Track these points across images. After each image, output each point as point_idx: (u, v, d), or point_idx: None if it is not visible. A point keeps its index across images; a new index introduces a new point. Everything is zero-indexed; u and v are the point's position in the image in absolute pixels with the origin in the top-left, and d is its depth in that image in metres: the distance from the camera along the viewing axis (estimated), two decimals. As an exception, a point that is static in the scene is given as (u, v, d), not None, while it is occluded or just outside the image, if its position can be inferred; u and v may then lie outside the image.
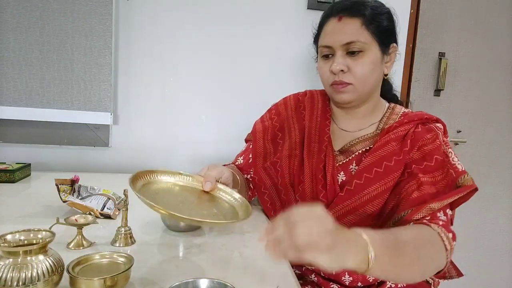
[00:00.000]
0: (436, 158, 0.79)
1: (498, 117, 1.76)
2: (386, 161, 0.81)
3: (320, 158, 0.89)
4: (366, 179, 0.82)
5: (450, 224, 0.75)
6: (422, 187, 0.76)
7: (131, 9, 1.35)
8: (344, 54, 0.83)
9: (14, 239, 0.54)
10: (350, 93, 0.84)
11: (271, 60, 1.44)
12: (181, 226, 0.83)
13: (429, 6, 1.62)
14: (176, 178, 0.78)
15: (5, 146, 1.34)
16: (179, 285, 0.54)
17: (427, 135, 0.82)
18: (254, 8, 1.40)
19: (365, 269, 0.54)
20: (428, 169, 0.79)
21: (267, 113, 1.05)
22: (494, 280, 1.90)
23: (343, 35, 0.82)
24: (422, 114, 0.87)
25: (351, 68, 0.82)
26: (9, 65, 1.25)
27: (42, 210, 0.92)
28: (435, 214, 0.73)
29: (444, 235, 0.69)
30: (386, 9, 0.86)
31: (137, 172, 0.70)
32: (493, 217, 1.84)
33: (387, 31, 0.85)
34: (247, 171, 1.01)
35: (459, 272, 0.90)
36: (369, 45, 0.82)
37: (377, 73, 0.85)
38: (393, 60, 0.89)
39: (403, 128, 0.84)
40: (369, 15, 0.82)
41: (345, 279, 0.84)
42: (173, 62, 1.39)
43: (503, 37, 1.71)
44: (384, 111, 0.93)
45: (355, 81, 0.83)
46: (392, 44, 0.87)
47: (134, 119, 1.40)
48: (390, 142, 0.83)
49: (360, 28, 0.81)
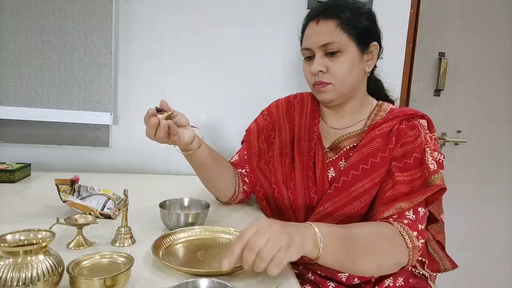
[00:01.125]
0: (415, 156, 0.81)
1: (498, 117, 1.76)
2: (372, 158, 0.83)
3: (310, 155, 0.92)
4: (353, 176, 0.84)
5: (418, 223, 0.77)
6: (396, 186, 0.79)
7: (131, 9, 1.35)
8: (323, 55, 0.87)
9: (14, 239, 0.54)
10: (330, 92, 0.88)
11: (271, 60, 1.44)
12: (182, 226, 0.83)
13: (429, 6, 1.62)
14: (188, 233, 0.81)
15: (5, 146, 1.34)
16: (179, 285, 0.54)
17: (409, 132, 0.84)
18: (254, 8, 1.40)
19: (317, 255, 0.62)
20: (406, 167, 0.81)
21: (260, 115, 1.09)
22: (494, 280, 1.90)
23: (320, 37, 0.86)
24: (407, 110, 0.89)
25: (329, 68, 0.86)
26: (9, 65, 1.25)
27: (42, 210, 0.92)
28: (403, 213, 0.76)
29: (405, 233, 0.73)
30: (365, 9, 0.89)
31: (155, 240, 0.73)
32: (493, 217, 1.84)
33: (365, 31, 0.87)
34: (242, 166, 1.05)
35: (453, 264, 0.92)
36: (346, 46, 0.85)
37: (357, 72, 0.88)
38: (375, 58, 0.91)
39: (388, 125, 0.86)
40: (345, 17, 0.85)
41: (342, 275, 0.85)
42: (173, 62, 1.39)
43: (503, 37, 1.71)
44: (372, 108, 0.95)
45: (334, 81, 0.87)
46: (373, 43, 0.89)
47: (134, 119, 1.40)
48: (376, 138, 0.85)
49: (336, 30, 0.85)
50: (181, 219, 0.83)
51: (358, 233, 0.72)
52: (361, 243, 0.70)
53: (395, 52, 1.52)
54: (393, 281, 0.86)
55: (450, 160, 1.75)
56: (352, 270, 0.73)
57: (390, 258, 0.72)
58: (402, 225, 0.75)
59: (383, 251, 0.71)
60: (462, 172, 1.78)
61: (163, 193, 0.96)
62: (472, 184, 1.79)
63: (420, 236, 0.75)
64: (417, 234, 0.75)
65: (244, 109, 1.43)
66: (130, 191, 0.78)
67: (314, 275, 0.88)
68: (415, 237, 0.74)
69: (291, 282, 0.66)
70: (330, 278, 0.87)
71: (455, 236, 1.81)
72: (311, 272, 0.89)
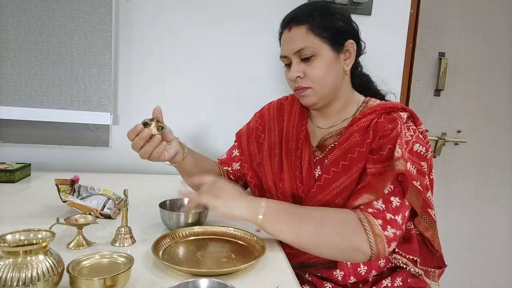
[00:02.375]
0: (389, 147, 0.79)
1: (498, 117, 1.76)
2: (351, 154, 0.83)
3: (297, 155, 0.93)
4: (333, 173, 0.84)
5: (389, 212, 0.75)
6: (366, 178, 0.79)
7: (131, 9, 1.35)
8: (299, 61, 0.87)
9: (14, 239, 0.54)
10: (311, 96, 0.88)
11: (271, 60, 1.44)
12: (182, 226, 0.83)
13: (429, 6, 1.62)
14: (188, 233, 0.81)
15: (5, 146, 1.34)
16: (179, 285, 0.54)
17: (388, 125, 0.82)
18: (254, 8, 1.40)
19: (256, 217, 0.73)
20: (380, 159, 0.80)
21: (253, 117, 1.11)
22: (494, 280, 1.90)
23: (292, 43, 0.86)
24: (386, 104, 0.88)
25: (307, 73, 0.86)
26: (9, 65, 1.25)
27: (42, 210, 0.92)
28: (370, 203, 0.76)
29: (365, 220, 0.73)
30: (337, 9, 0.89)
31: (155, 240, 0.74)
32: (493, 217, 1.84)
33: (337, 31, 0.87)
34: (229, 165, 1.08)
35: (442, 262, 0.91)
36: (319, 49, 0.85)
37: (335, 73, 0.88)
38: (353, 55, 0.90)
39: (366, 119, 0.86)
40: (314, 21, 0.85)
41: (337, 273, 0.85)
42: (173, 62, 1.39)
43: (503, 37, 1.71)
44: (359, 105, 0.94)
45: (313, 84, 0.87)
46: (348, 41, 0.88)
47: (134, 119, 1.38)
48: (353, 134, 0.85)
49: (307, 34, 0.85)
50: (181, 219, 0.83)
51: (311, 212, 0.78)
52: (309, 219, 0.75)
53: (395, 52, 1.52)
54: (391, 281, 0.86)
55: (450, 160, 1.75)
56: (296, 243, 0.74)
57: (341, 239, 0.72)
58: (365, 213, 0.74)
59: (332, 230, 0.72)
60: (462, 172, 1.78)
61: (163, 193, 0.96)
62: (472, 184, 1.79)
63: (387, 225, 0.73)
64: (382, 223, 0.72)
65: (244, 109, 1.43)
66: (130, 191, 0.78)
67: (311, 276, 0.89)
68: (379, 226, 0.72)
69: (291, 282, 0.66)
70: (327, 279, 0.88)
71: (455, 236, 1.81)
72: (308, 274, 0.89)
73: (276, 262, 0.73)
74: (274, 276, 0.67)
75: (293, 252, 0.86)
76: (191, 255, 0.73)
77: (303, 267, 0.90)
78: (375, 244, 0.72)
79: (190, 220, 0.84)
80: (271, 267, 0.71)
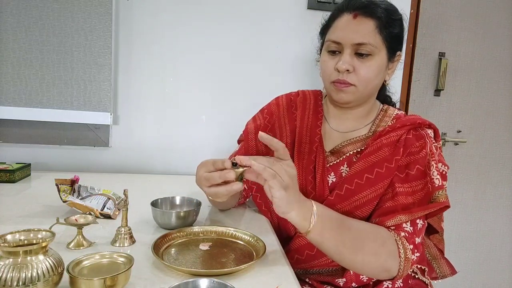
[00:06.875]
0: (418, 168, 0.79)
1: (498, 117, 1.76)
2: (378, 168, 0.81)
3: (311, 159, 0.89)
4: (356, 185, 0.81)
5: (416, 235, 0.76)
6: (396, 197, 0.77)
7: (131, 9, 1.35)
8: (352, 54, 0.81)
9: (14, 239, 0.54)
10: (351, 94, 0.83)
11: (271, 60, 1.44)
12: (173, 223, 0.83)
13: (429, 6, 1.62)
14: (188, 233, 0.81)
15: (5, 146, 1.34)
16: (179, 285, 0.54)
17: (416, 142, 0.81)
18: (254, 8, 1.40)
19: (307, 228, 0.67)
20: (408, 178, 0.79)
21: (259, 113, 1.03)
22: (494, 280, 1.90)
23: (355, 34, 0.79)
24: (415, 119, 0.85)
25: (356, 69, 0.80)
26: (9, 65, 1.25)
27: (42, 210, 0.92)
28: (400, 225, 0.76)
29: (401, 244, 0.73)
30: (399, 15, 0.85)
31: (155, 240, 0.73)
32: (493, 217, 1.84)
33: (397, 38, 0.84)
34: None
35: (453, 270, 0.91)
36: (378, 49, 0.80)
37: (380, 78, 0.85)
38: (395, 68, 0.88)
39: (395, 134, 0.83)
40: (384, 19, 0.80)
41: (339, 280, 0.85)
42: (173, 62, 1.39)
43: (503, 37, 1.71)
44: (378, 113, 0.92)
45: (358, 83, 0.81)
46: (398, 52, 0.86)
47: (134, 119, 1.40)
48: (383, 148, 0.82)
49: (374, 31, 0.79)
50: (171, 218, 0.83)
51: (354, 225, 0.74)
52: (353, 234, 0.72)
53: (395, 52, 1.52)
54: (392, 283, 0.86)
55: (450, 160, 1.75)
56: (335, 256, 0.72)
57: (377, 259, 0.71)
58: (399, 237, 0.75)
59: (371, 250, 0.71)
60: (462, 172, 1.78)
61: (163, 193, 0.96)
62: (472, 184, 1.79)
63: (415, 249, 0.75)
64: (412, 248, 0.74)
65: (244, 109, 1.42)
66: (130, 191, 0.78)
67: (312, 280, 0.88)
68: (410, 250, 0.74)
69: (291, 283, 0.66)
70: (328, 283, 0.87)
71: (455, 236, 1.81)
72: (309, 278, 0.88)
73: (276, 262, 0.73)
74: (274, 276, 0.67)
75: (303, 259, 0.86)
76: (191, 255, 0.73)
77: (306, 273, 0.89)
78: (403, 268, 0.73)
79: (180, 218, 0.83)
80: (271, 267, 0.71)
